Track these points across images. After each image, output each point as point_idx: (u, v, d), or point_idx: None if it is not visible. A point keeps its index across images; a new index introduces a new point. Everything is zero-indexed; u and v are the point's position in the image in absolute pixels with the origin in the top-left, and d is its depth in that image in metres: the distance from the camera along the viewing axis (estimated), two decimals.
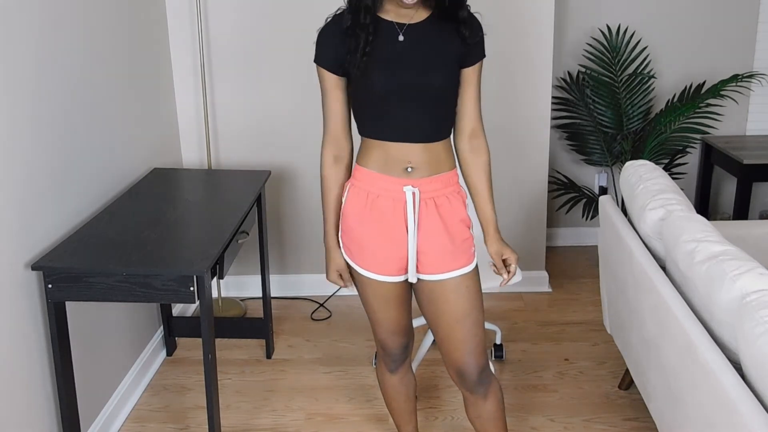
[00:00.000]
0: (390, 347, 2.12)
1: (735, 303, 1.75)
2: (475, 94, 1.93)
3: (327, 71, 1.87)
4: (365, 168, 1.90)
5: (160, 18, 3.30)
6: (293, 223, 3.68)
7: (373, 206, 1.89)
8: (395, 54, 1.80)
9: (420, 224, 1.89)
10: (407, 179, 1.87)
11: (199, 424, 2.71)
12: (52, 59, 2.27)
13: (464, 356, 1.98)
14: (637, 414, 2.74)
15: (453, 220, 1.92)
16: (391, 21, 1.82)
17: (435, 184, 1.89)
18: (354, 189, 1.93)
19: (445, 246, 1.91)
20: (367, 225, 1.91)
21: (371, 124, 1.87)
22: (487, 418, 2.07)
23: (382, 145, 1.87)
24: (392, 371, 2.20)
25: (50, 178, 2.26)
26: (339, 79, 1.87)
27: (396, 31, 1.81)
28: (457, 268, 1.93)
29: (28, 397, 2.13)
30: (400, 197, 1.88)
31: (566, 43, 4.05)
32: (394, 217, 1.89)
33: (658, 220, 2.28)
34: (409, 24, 1.82)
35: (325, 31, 1.86)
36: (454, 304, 1.95)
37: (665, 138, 3.91)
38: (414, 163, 1.86)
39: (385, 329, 2.07)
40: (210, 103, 3.49)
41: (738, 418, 1.56)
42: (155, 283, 2.09)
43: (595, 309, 3.56)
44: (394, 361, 2.16)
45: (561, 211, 4.27)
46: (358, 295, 2.06)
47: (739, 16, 4.00)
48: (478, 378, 2.00)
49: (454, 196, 1.93)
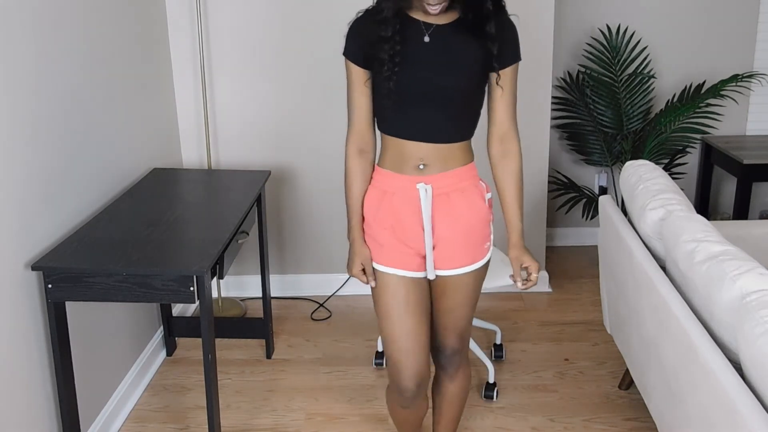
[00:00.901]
0: (405, 378, 1.95)
1: (735, 303, 1.75)
2: (507, 98, 1.89)
3: (354, 64, 1.87)
4: (381, 168, 1.93)
5: (160, 18, 3.30)
6: (293, 223, 3.68)
7: (389, 205, 1.91)
8: (419, 54, 1.80)
9: (434, 220, 1.90)
10: (420, 176, 1.88)
11: (199, 424, 2.71)
12: (52, 59, 2.27)
13: (444, 338, 2.07)
14: (637, 414, 2.74)
15: (468, 214, 1.91)
16: (418, 20, 1.82)
17: (448, 179, 1.89)
18: (371, 188, 1.95)
19: (457, 242, 1.92)
20: (383, 222, 1.92)
21: (389, 120, 1.88)
22: (445, 398, 2.18)
23: (397, 142, 1.88)
24: (406, 407, 2.06)
25: (50, 178, 2.26)
26: (366, 73, 1.87)
27: (422, 31, 1.81)
28: (466, 265, 1.95)
29: (28, 397, 2.13)
30: (414, 194, 1.88)
31: (566, 43, 4.05)
32: (409, 215, 1.90)
33: (658, 220, 2.28)
34: (437, 25, 1.81)
35: (356, 24, 1.87)
36: (449, 298, 1.99)
37: (665, 138, 3.92)
38: (426, 160, 1.87)
39: (399, 347, 1.93)
40: (210, 103, 3.49)
41: (738, 418, 1.56)
42: (155, 283, 2.09)
43: (595, 309, 3.56)
44: (407, 398, 2.00)
45: (561, 211, 4.27)
46: (374, 305, 1.99)
47: (739, 16, 3.99)
48: (450, 357, 2.09)
49: (471, 189, 1.92)
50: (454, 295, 1.98)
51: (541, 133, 3.56)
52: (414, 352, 1.94)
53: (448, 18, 1.82)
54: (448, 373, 2.13)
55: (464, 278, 1.96)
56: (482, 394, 2.84)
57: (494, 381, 2.85)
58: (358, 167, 1.94)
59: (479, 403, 2.81)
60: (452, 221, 1.90)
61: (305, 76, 3.46)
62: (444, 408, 2.21)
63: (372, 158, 1.96)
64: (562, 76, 4.10)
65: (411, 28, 1.81)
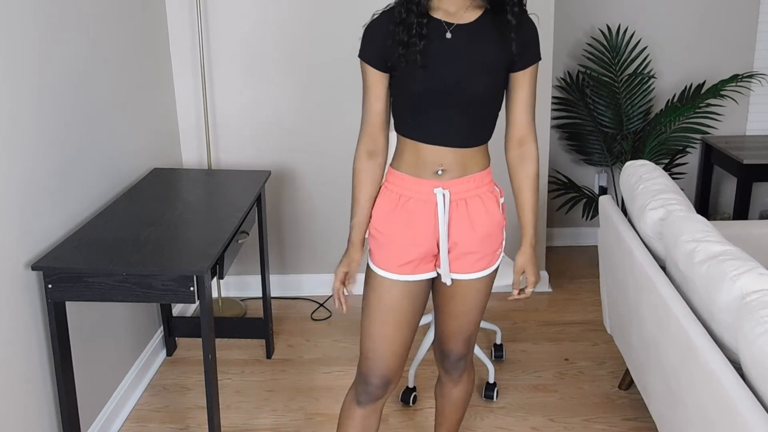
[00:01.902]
0: (371, 374, 1.93)
1: (735, 303, 1.75)
2: (526, 98, 1.85)
3: (371, 67, 1.82)
4: (397, 171, 1.88)
5: (160, 18, 3.30)
6: (293, 223, 3.68)
7: (403, 208, 1.87)
8: (441, 54, 1.75)
9: (450, 225, 1.86)
10: (438, 181, 1.84)
11: (199, 424, 2.71)
12: (53, 59, 2.27)
13: (450, 343, 2.05)
14: (637, 414, 2.74)
15: (484, 220, 1.88)
16: (439, 20, 1.77)
17: (466, 184, 1.85)
18: (386, 191, 1.90)
19: (472, 247, 1.88)
20: (396, 225, 1.87)
21: (407, 122, 1.84)
22: (449, 401, 2.19)
23: (415, 146, 1.84)
24: (361, 403, 1.97)
25: (50, 178, 2.26)
26: (382, 76, 1.82)
27: (444, 29, 1.76)
28: (478, 270, 1.92)
29: (28, 397, 2.13)
30: (431, 199, 1.84)
31: (566, 43, 4.05)
32: (424, 219, 1.86)
33: (658, 220, 2.28)
34: (458, 24, 1.77)
35: (372, 26, 1.82)
36: (459, 302, 1.96)
37: (665, 138, 3.92)
38: (445, 165, 1.83)
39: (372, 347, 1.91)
40: (210, 103, 3.49)
41: (738, 418, 1.56)
42: (155, 283, 2.09)
43: (595, 309, 3.56)
44: (368, 393, 1.95)
45: (561, 211, 4.27)
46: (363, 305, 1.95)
47: (739, 16, 4.00)
48: (455, 362, 2.09)
49: (487, 195, 1.89)
50: (464, 300, 1.95)
51: (541, 133, 3.55)
52: (384, 357, 1.91)
53: (470, 17, 1.78)
54: (452, 378, 2.12)
55: (476, 283, 1.94)
56: (482, 394, 2.84)
57: (494, 381, 2.85)
58: (366, 170, 1.90)
59: (479, 403, 2.81)
60: (469, 227, 1.87)
61: (306, 76, 3.46)
62: (447, 411, 2.21)
63: (381, 161, 1.91)
64: (562, 76, 4.10)
65: (432, 28, 1.76)
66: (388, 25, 1.77)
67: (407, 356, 1.98)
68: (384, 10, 1.81)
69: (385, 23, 1.79)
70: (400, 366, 1.95)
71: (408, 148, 1.86)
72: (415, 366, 2.84)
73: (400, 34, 1.74)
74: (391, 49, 1.76)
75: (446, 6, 1.77)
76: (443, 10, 1.77)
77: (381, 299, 1.90)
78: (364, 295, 1.95)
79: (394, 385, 1.97)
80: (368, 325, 1.92)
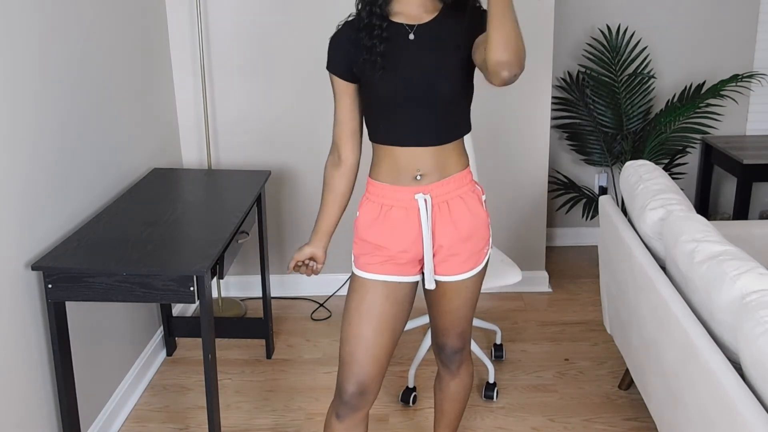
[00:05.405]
0: (347, 380, 1.88)
1: (735, 303, 1.75)
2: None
3: (336, 77, 1.86)
4: (376, 180, 1.89)
5: (160, 18, 3.30)
6: (293, 223, 3.68)
7: (386, 217, 1.88)
8: (404, 56, 1.79)
9: (435, 229, 1.87)
10: (417, 186, 1.85)
11: (199, 424, 2.72)
12: (53, 59, 2.27)
13: (444, 337, 2.08)
14: (637, 414, 2.74)
15: (468, 219, 1.89)
16: (401, 23, 1.81)
17: (446, 186, 1.87)
18: (367, 202, 1.92)
19: (458, 249, 1.89)
20: (381, 236, 1.88)
21: (380, 128, 1.85)
22: (448, 395, 2.19)
23: (391, 151, 1.85)
24: (339, 416, 1.91)
25: (50, 178, 2.26)
26: (348, 86, 1.86)
27: (406, 31, 1.80)
28: (465, 272, 1.93)
29: (28, 397, 2.13)
30: (413, 205, 1.86)
31: (566, 43, 4.05)
32: (408, 226, 1.87)
33: (658, 220, 2.28)
34: (419, 24, 1.81)
35: (336, 36, 1.86)
36: (449, 301, 1.97)
37: (665, 138, 3.92)
38: (423, 169, 1.84)
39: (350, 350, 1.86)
40: (210, 103, 3.49)
41: (738, 418, 1.56)
42: (155, 283, 2.09)
43: (595, 309, 3.56)
44: (345, 403, 1.89)
45: (561, 211, 4.27)
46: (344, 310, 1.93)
47: (739, 16, 4.00)
48: (451, 355, 2.11)
49: (469, 195, 1.90)
50: (454, 299, 1.97)
51: (541, 133, 3.56)
52: (361, 362, 1.86)
53: (429, 17, 1.82)
54: (450, 371, 2.14)
55: (465, 282, 1.95)
56: (482, 394, 2.84)
57: (494, 381, 2.85)
58: (331, 179, 1.95)
59: (479, 403, 2.81)
60: (453, 229, 1.88)
61: (306, 76, 3.46)
62: (446, 406, 2.21)
63: (348, 171, 1.94)
64: (562, 76, 4.10)
65: (394, 31, 1.80)
66: (352, 33, 1.82)
67: (387, 366, 1.92)
68: (347, 20, 1.86)
69: (349, 32, 1.83)
70: (378, 373, 1.89)
71: (384, 156, 1.87)
72: (414, 366, 2.84)
73: (364, 39, 1.78)
74: (356, 56, 1.80)
75: (407, 10, 1.81)
76: (404, 14, 1.82)
77: (362, 300, 1.89)
78: (346, 300, 1.93)
79: (373, 396, 1.91)
80: (347, 327, 1.89)
